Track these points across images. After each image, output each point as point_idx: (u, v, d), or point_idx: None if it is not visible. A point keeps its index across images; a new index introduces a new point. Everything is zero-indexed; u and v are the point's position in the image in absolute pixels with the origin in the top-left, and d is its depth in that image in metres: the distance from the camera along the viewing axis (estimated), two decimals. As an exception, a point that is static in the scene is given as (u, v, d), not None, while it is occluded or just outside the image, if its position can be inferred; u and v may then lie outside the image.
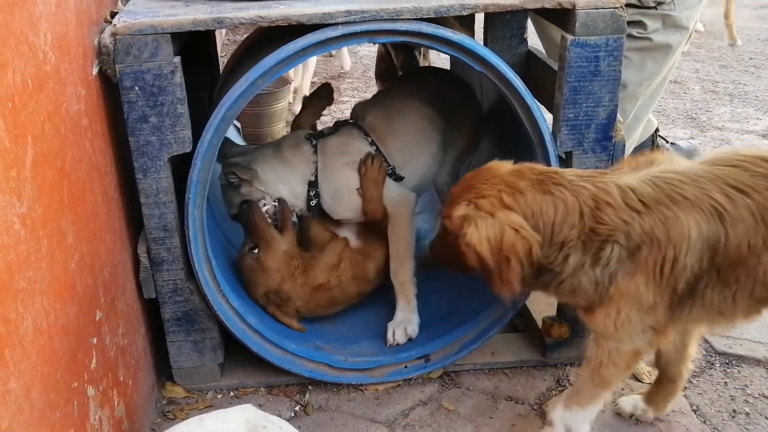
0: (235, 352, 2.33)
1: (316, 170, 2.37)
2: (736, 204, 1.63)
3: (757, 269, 1.66)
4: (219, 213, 2.61)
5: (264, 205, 2.38)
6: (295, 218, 2.45)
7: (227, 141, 2.24)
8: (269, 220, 2.37)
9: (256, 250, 2.33)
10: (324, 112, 2.76)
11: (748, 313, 1.80)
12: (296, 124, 2.66)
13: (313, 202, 2.39)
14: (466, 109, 2.59)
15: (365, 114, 2.49)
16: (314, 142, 2.40)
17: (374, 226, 2.41)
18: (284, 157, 2.39)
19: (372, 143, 2.39)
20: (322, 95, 2.65)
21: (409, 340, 2.36)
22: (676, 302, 1.71)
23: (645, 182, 1.67)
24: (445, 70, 2.79)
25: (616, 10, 1.94)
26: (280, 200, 2.39)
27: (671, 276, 1.66)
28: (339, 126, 2.50)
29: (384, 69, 3.62)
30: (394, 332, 2.36)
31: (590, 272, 1.70)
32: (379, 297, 2.54)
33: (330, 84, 2.66)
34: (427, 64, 3.66)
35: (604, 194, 1.66)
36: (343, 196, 2.38)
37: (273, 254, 2.33)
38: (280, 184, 2.38)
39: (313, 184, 2.37)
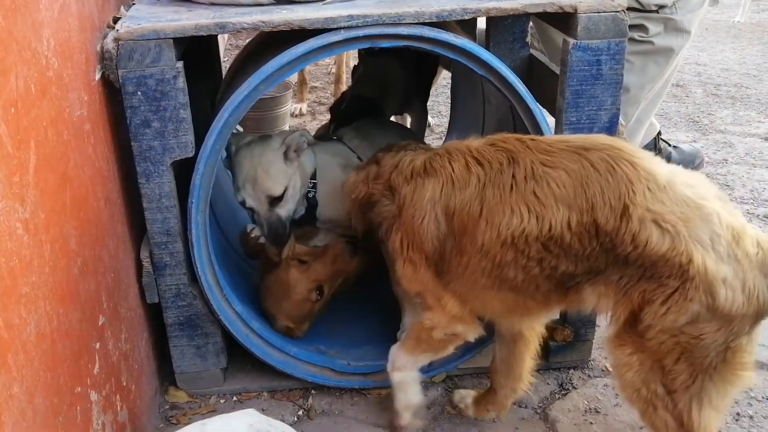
0: (238, 356, 2.32)
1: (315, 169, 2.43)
2: (470, 173, 1.75)
3: (476, 237, 1.73)
4: (221, 217, 2.62)
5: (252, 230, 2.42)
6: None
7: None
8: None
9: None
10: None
11: (506, 303, 1.83)
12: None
13: (311, 194, 2.40)
14: None
15: (349, 135, 2.61)
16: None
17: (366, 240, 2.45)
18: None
19: (357, 157, 2.49)
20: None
21: None
22: (433, 264, 1.83)
23: (424, 158, 1.86)
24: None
25: (618, 13, 1.94)
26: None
27: (413, 233, 1.82)
28: (324, 139, 2.64)
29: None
30: None
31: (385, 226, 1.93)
32: (382, 301, 2.54)
33: None
34: None
35: (401, 162, 1.90)
36: (336, 195, 2.41)
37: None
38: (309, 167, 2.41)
39: (313, 177, 2.41)
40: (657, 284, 1.59)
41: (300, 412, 2.25)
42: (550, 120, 2.11)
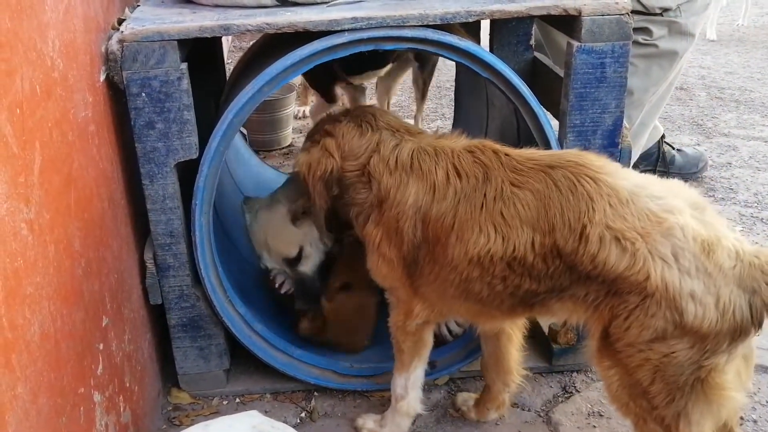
0: (241, 358, 2.33)
1: None
2: (449, 183, 1.74)
3: (447, 250, 1.73)
4: (225, 219, 2.61)
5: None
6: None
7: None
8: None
9: None
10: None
11: (472, 311, 1.84)
12: None
13: None
14: None
15: None
16: None
17: None
18: None
19: None
20: None
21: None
22: (407, 266, 1.83)
23: (411, 149, 1.81)
24: None
25: (622, 16, 1.94)
26: None
27: (395, 233, 1.80)
28: None
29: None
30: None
31: (356, 211, 1.89)
32: (385, 304, 2.53)
33: None
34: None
35: (383, 146, 1.84)
36: None
37: None
38: None
39: None
40: (620, 300, 1.58)
41: (303, 414, 2.25)
42: (554, 123, 2.11)
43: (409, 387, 2.04)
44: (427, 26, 1.93)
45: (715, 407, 1.60)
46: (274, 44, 2.15)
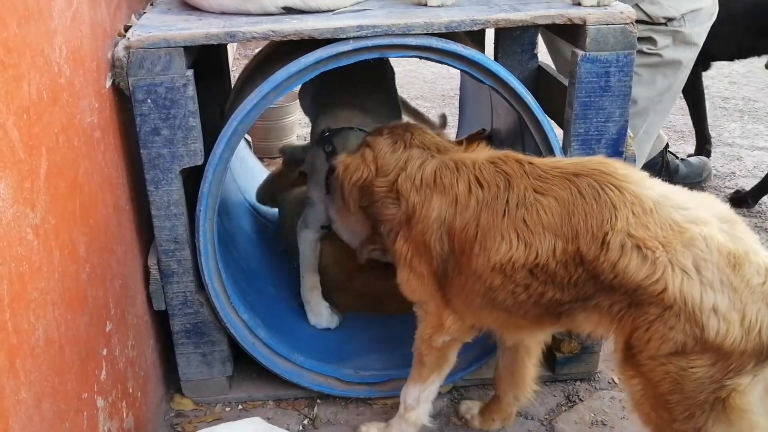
0: (244, 365, 2.33)
1: None
2: (471, 194, 1.74)
3: (471, 260, 1.72)
4: (230, 226, 2.62)
5: None
6: None
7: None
8: None
9: None
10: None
11: (499, 321, 1.83)
12: None
13: None
14: None
15: None
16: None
17: None
18: None
19: None
20: None
21: None
22: (438, 280, 1.83)
23: (434, 166, 1.82)
24: None
25: (627, 26, 1.95)
26: None
27: (423, 248, 1.80)
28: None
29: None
30: None
31: (387, 228, 1.90)
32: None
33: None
34: None
35: (410, 164, 1.85)
36: None
37: None
38: None
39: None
40: (641, 311, 1.55)
41: (305, 422, 2.25)
42: (558, 131, 2.11)
43: (422, 400, 2.02)
44: (432, 35, 1.94)
45: (736, 429, 1.55)
46: (279, 52, 2.16)
